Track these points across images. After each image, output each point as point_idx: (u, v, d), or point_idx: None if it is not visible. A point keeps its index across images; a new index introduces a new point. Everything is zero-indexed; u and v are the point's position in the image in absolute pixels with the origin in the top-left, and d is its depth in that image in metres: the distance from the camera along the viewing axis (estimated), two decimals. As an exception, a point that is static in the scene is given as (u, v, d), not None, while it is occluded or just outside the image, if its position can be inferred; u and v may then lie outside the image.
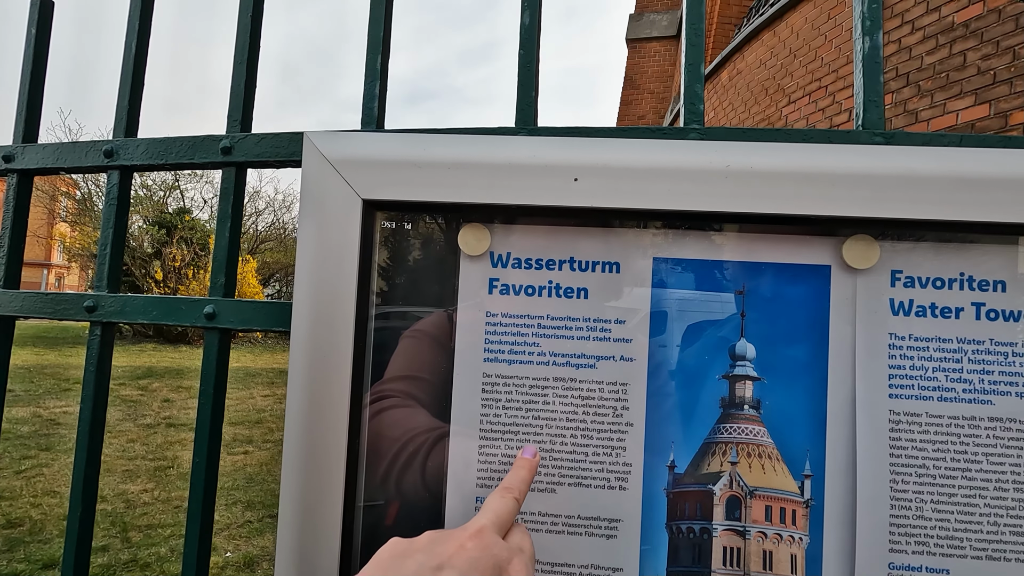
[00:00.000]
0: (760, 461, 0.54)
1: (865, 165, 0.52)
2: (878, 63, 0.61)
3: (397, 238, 0.59)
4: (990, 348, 0.52)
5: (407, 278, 0.59)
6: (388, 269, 0.59)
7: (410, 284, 0.59)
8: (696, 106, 0.61)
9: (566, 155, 0.54)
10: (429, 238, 0.59)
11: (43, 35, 0.81)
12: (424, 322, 0.58)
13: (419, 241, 0.59)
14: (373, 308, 0.59)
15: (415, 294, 0.59)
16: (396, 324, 0.59)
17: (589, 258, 0.57)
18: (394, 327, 0.59)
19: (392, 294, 0.59)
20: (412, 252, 0.59)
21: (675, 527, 0.54)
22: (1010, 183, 0.50)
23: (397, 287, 0.59)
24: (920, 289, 0.53)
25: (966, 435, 0.52)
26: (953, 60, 3.71)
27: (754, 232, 0.55)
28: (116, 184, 0.74)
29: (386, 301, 0.59)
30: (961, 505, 0.51)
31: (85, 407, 0.71)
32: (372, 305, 0.58)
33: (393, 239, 0.59)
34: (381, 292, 0.59)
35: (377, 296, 0.59)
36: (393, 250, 0.59)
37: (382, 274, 0.59)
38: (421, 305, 0.59)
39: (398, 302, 0.59)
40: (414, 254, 0.59)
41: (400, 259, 0.59)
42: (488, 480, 0.56)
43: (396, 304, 0.59)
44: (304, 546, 0.54)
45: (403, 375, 0.57)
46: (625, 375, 0.55)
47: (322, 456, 0.54)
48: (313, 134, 0.58)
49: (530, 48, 0.65)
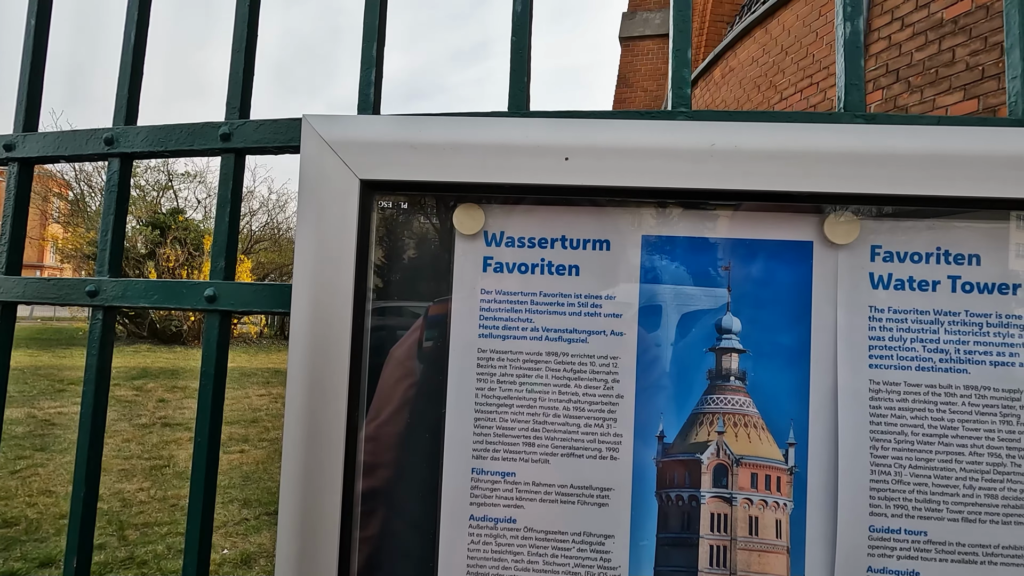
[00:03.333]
0: (746, 430, 0.56)
1: (846, 143, 0.54)
2: (859, 48, 0.63)
3: (394, 218, 0.61)
4: (965, 319, 0.54)
5: (404, 258, 0.61)
6: (386, 249, 0.61)
7: (407, 263, 0.61)
8: (683, 89, 0.63)
9: (557, 136, 0.55)
10: (425, 218, 0.61)
11: (42, 25, 0.82)
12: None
13: (415, 221, 0.61)
14: (371, 288, 0.60)
15: (412, 273, 0.61)
16: (394, 307, 0.61)
17: (580, 236, 0.59)
18: (393, 309, 0.60)
19: (390, 273, 0.61)
20: (409, 232, 0.61)
21: (664, 495, 0.56)
22: (985, 160, 0.52)
23: (395, 266, 0.61)
24: (899, 263, 0.55)
25: (943, 403, 0.54)
26: (942, 56, 3.75)
27: (739, 210, 0.57)
28: (116, 171, 0.75)
29: (384, 280, 0.61)
30: (938, 470, 0.53)
31: (88, 390, 0.72)
32: (370, 285, 0.60)
33: (390, 219, 0.61)
34: (379, 271, 0.61)
35: (375, 275, 0.60)
36: (390, 230, 0.61)
37: (380, 254, 0.61)
38: (418, 284, 0.60)
39: (395, 281, 0.61)
40: (411, 234, 0.61)
41: (397, 239, 0.61)
42: (483, 452, 0.58)
43: (394, 283, 0.61)
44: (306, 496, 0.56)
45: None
46: (615, 349, 0.57)
47: (322, 420, 0.55)
48: (312, 117, 0.59)
49: (522, 35, 0.67)
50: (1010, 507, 0.52)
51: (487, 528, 0.57)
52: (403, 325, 0.61)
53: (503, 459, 0.57)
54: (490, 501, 0.57)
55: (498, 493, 0.57)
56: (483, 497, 0.58)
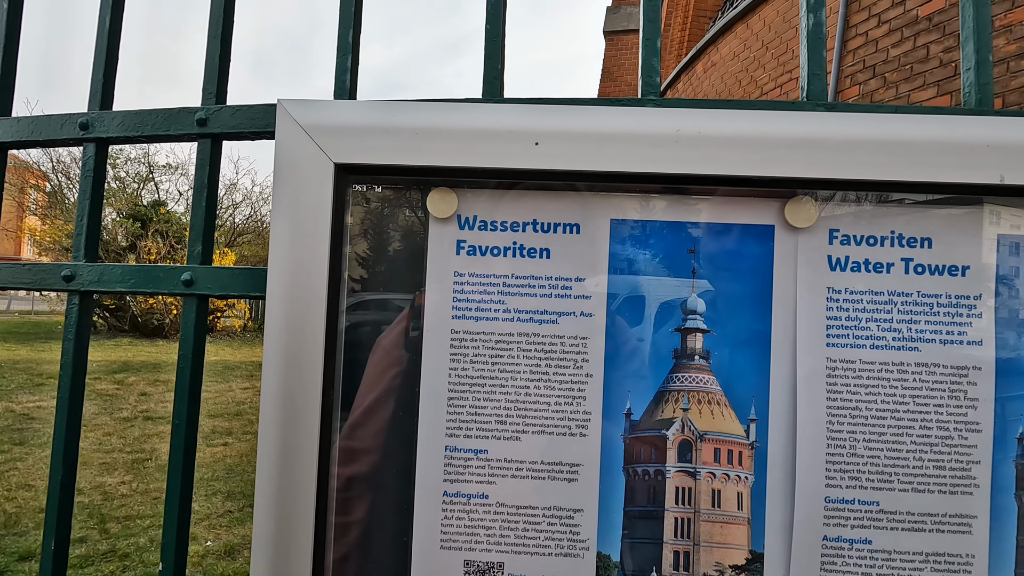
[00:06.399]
0: (709, 407, 0.58)
1: (806, 130, 0.56)
2: (821, 39, 0.65)
3: (368, 201, 0.62)
4: (917, 300, 0.57)
5: (379, 241, 0.62)
6: (360, 232, 0.62)
7: (381, 246, 0.62)
8: (652, 78, 0.65)
9: (527, 121, 0.57)
10: (399, 201, 0.62)
11: (15, 8, 0.81)
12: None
13: (390, 204, 0.62)
14: (346, 270, 0.61)
15: (386, 256, 0.62)
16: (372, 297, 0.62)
17: (551, 220, 0.60)
18: (371, 298, 0.62)
19: (364, 256, 0.62)
20: (383, 215, 0.62)
21: (631, 470, 0.58)
22: (939, 147, 0.55)
23: (369, 249, 0.62)
24: (855, 246, 0.58)
25: (895, 379, 0.56)
26: (917, 52, 3.81)
27: (704, 195, 0.59)
28: (92, 156, 0.75)
29: (358, 263, 0.62)
30: (890, 443, 0.56)
31: (64, 374, 0.73)
32: (345, 267, 0.61)
33: (365, 202, 0.62)
34: (353, 254, 0.62)
35: (349, 258, 0.61)
36: (364, 213, 0.62)
37: (354, 236, 0.62)
38: (393, 266, 0.62)
39: (370, 264, 0.62)
40: (385, 217, 0.62)
41: (371, 222, 0.62)
42: (456, 430, 0.59)
43: (368, 266, 0.62)
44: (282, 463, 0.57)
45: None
46: (585, 330, 0.59)
47: (300, 398, 0.57)
48: (287, 102, 0.60)
49: (496, 23, 0.68)
50: (956, 478, 0.55)
51: (460, 504, 0.59)
52: (380, 311, 0.62)
53: (476, 437, 0.59)
54: (463, 478, 0.59)
55: (471, 470, 0.59)
56: (456, 474, 0.59)
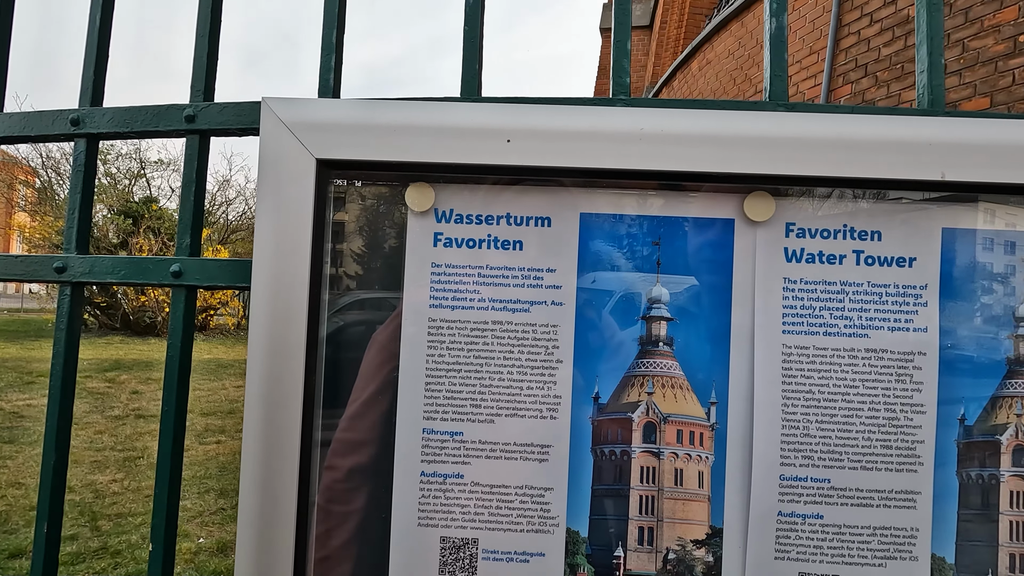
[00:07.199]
0: (673, 391, 0.61)
1: (765, 129, 0.59)
2: (783, 42, 0.68)
3: (350, 196, 0.65)
4: (867, 289, 0.60)
5: (360, 234, 0.65)
6: (341, 225, 0.65)
7: (362, 239, 0.65)
8: (623, 79, 0.68)
9: (500, 120, 0.60)
10: (379, 196, 0.65)
11: (6, 5, 0.83)
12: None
13: (370, 199, 0.65)
14: (328, 264, 0.64)
15: (367, 248, 0.65)
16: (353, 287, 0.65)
17: (524, 214, 0.63)
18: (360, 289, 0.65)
19: (345, 248, 0.65)
20: (364, 209, 0.65)
21: (599, 450, 0.62)
22: (893, 145, 0.58)
23: (350, 241, 0.65)
24: (810, 239, 0.61)
25: (846, 364, 0.60)
26: (908, 52, 3.87)
27: (668, 190, 0.62)
28: (83, 151, 0.77)
29: (339, 255, 0.65)
30: (841, 424, 0.59)
31: (56, 364, 0.75)
32: (326, 261, 0.64)
33: (346, 197, 0.65)
34: (335, 247, 0.65)
35: (330, 250, 0.64)
36: (346, 207, 0.65)
37: (335, 229, 0.65)
38: (373, 258, 0.65)
39: (351, 256, 0.65)
40: (366, 211, 0.65)
41: (352, 216, 0.65)
42: (433, 413, 0.62)
43: (349, 258, 0.65)
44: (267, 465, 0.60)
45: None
46: (555, 318, 0.62)
47: (285, 383, 0.60)
48: (271, 100, 0.63)
49: (474, 24, 0.71)
50: (903, 456, 0.59)
51: (436, 483, 0.62)
52: (373, 310, 0.65)
53: (452, 420, 0.62)
54: (439, 459, 0.62)
55: (447, 451, 0.62)
56: (433, 455, 0.62)
